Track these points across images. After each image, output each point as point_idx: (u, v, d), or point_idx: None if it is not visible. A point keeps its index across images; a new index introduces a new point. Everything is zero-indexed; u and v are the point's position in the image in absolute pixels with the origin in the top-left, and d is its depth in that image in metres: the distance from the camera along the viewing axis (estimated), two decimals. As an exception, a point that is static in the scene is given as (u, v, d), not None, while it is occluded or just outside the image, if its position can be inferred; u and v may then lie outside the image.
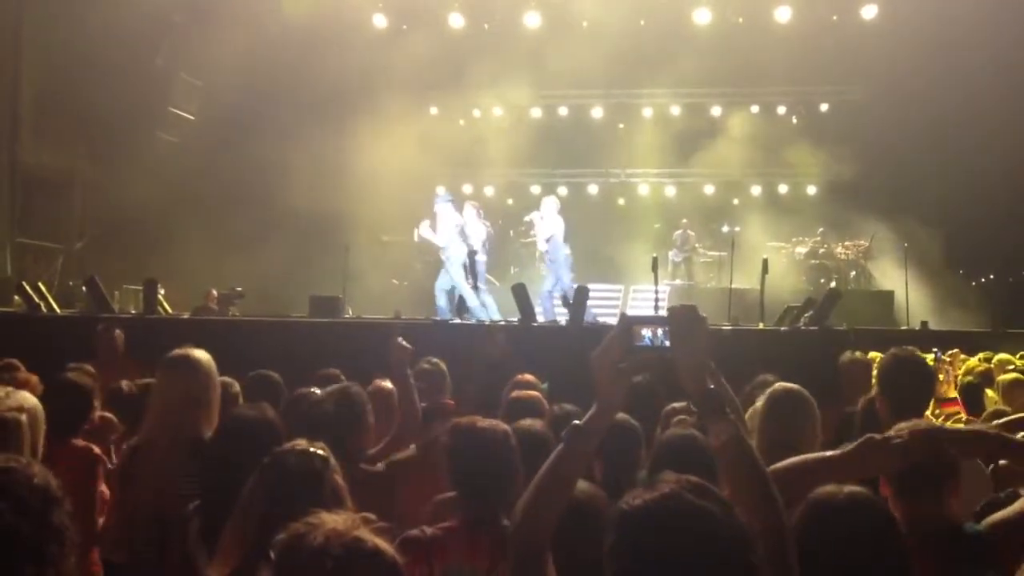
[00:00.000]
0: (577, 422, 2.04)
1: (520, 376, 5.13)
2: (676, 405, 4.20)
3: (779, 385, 3.77)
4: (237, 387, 4.51)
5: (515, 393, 4.58)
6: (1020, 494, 2.62)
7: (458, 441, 3.04)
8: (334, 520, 1.84)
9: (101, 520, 4.07)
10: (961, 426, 4.04)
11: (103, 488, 4.12)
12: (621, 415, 3.24)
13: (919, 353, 4.14)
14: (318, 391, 4.21)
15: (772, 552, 1.86)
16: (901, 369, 3.92)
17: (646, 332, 2.03)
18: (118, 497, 3.77)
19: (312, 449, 2.54)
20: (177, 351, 3.76)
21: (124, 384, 5.10)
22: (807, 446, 3.54)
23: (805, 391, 3.68)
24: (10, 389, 3.13)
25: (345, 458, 2.66)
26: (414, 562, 1.92)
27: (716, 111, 18.97)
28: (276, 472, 2.47)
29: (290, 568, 1.80)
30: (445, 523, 2.94)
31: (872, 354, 6.42)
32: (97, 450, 4.16)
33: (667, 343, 2.01)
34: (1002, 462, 3.32)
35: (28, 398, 3.18)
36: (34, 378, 4.59)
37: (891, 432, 2.49)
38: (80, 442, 4.14)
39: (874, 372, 5.91)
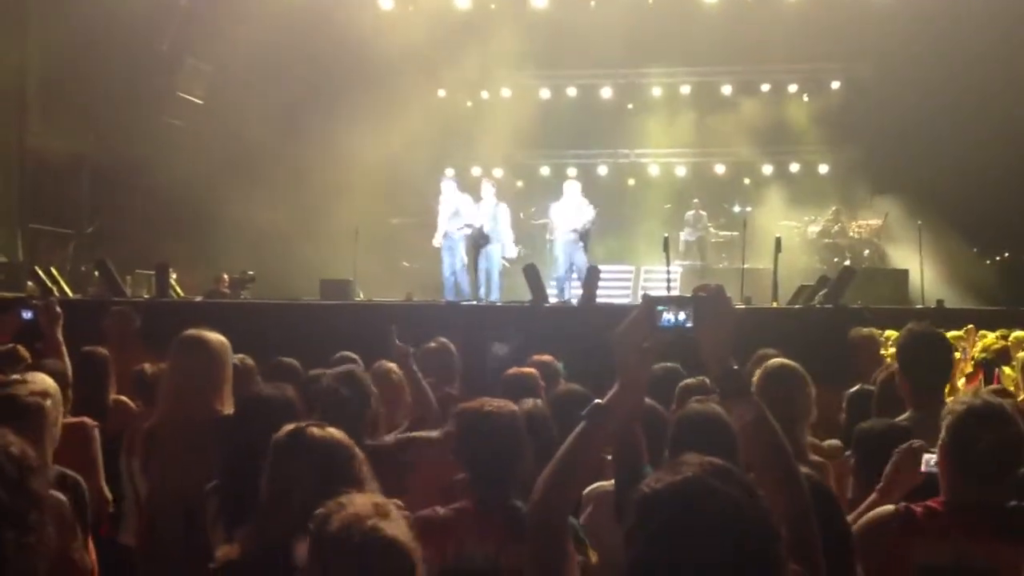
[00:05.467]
0: (599, 401, 2.02)
1: (536, 356, 5.11)
2: (690, 381, 4.11)
3: (774, 360, 3.74)
4: (251, 362, 4.52)
5: (511, 370, 4.61)
6: None
7: (465, 424, 3.05)
8: (358, 505, 1.95)
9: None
10: None
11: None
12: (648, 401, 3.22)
13: (935, 328, 4.09)
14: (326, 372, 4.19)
15: (797, 533, 1.84)
16: (919, 344, 3.89)
17: (666, 314, 2.01)
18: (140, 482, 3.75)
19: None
20: (188, 332, 3.74)
21: (147, 367, 4.90)
22: (800, 421, 3.54)
23: (798, 366, 3.65)
24: (32, 373, 3.11)
25: (354, 436, 2.69)
26: (427, 542, 1.98)
27: (726, 90, 18.80)
28: (321, 454, 2.49)
29: (319, 546, 1.94)
30: (458, 504, 2.96)
31: (888, 332, 6.39)
32: (89, 421, 4.09)
33: (688, 324, 2.00)
34: None
35: (47, 381, 3.16)
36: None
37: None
38: (69, 419, 3.96)
39: (885, 348, 5.90)
